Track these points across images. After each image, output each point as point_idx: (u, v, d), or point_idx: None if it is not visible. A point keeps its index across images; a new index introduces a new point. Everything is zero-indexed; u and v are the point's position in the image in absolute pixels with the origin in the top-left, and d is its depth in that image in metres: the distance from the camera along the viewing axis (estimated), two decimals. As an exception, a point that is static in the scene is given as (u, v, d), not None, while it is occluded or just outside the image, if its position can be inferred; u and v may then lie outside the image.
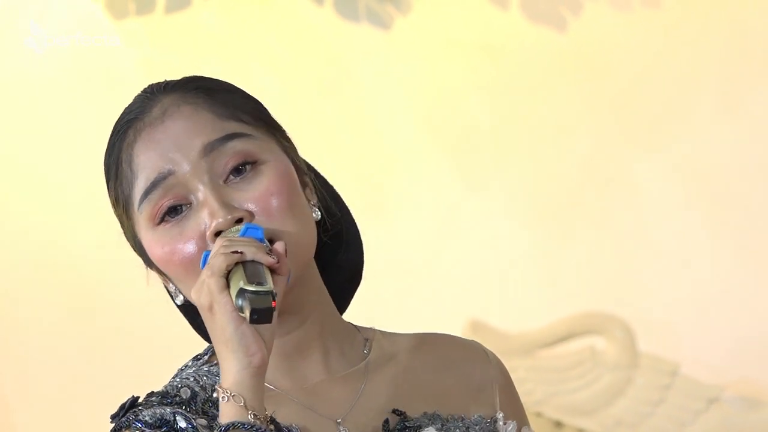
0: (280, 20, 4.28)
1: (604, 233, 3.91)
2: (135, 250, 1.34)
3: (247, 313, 1.21)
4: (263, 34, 4.41)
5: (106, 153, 1.34)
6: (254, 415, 1.19)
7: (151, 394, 1.30)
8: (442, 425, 1.31)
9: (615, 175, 3.98)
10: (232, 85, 1.37)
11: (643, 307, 3.80)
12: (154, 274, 1.34)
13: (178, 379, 1.33)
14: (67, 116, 4.23)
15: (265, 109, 1.37)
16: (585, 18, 3.98)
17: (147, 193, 1.29)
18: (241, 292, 1.22)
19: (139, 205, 1.30)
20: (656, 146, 3.94)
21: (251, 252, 1.23)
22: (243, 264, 1.24)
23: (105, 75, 4.35)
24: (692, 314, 3.82)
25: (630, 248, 3.92)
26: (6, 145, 4.09)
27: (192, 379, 1.33)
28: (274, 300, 1.21)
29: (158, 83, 1.35)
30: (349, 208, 1.43)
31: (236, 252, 1.22)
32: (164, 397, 1.30)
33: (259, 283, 1.22)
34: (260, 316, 1.21)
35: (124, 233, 1.34)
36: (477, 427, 1.31)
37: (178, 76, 1.37)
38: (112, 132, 1.34)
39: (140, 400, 1.29)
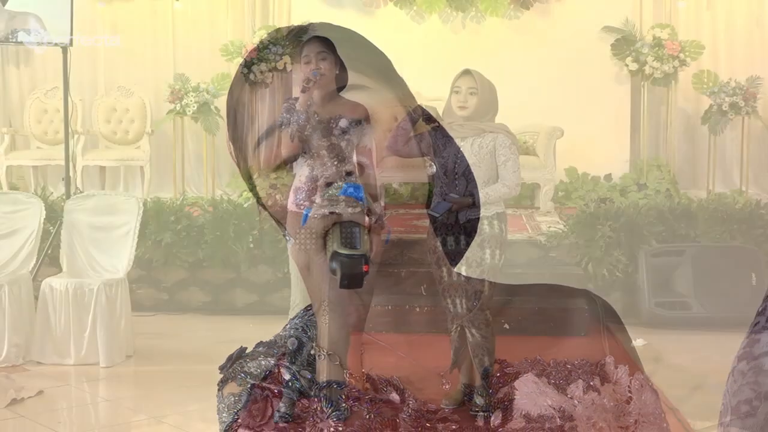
0: (266, 5, 4.28)
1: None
2: (251, 191, 1.38)
3: (337, 278, 1.22)
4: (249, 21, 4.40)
5: (227, 96, 1.38)
6: (350, 374, 1.22)
7: (259, 345, 1.34)
8: (542, 370, 1.33)
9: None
10: (357, 35, 1.40)
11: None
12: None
13: (287, 329, 1.36)
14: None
15: (388, 62, 1.40)
16: None
17: (261, 140, 1.33)
18: (335, 255, 1.23)
19: (254, 150, 1.33)
20: None
21: (348, 213, 1.25)
22: (340, 225, 1.25)
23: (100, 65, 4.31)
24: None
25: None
26: None
27: (300, 329, 1.35)
28: (366, 264, 1.23)
29: (288, 28, 1.39)
30: None
31: (333, 213, 1.25)
32: (270, 347, 1.33)
33: (353, 247, 1.23)
34: (350, 281, 1.22)
35: (241, 174, 1.39)
36: (580, 371, 1.33)
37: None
38: (234, 78, 1.38)
39: (247, 351, 1.32)
